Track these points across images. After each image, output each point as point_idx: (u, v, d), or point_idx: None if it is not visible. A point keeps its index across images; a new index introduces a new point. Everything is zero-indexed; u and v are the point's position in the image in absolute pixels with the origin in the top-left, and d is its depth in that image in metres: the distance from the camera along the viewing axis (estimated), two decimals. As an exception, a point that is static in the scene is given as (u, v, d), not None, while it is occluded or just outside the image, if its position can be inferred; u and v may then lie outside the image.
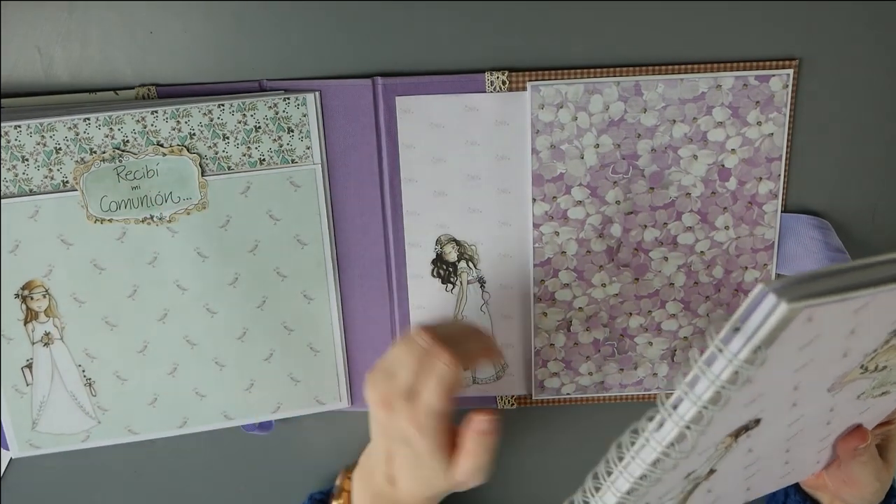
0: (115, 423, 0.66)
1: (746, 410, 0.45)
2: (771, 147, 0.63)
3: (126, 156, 0.60)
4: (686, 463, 0.46)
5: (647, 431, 0.44)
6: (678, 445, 0.43)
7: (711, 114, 0.62)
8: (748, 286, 0.66)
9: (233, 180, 0.62)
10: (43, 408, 0.65)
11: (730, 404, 0.41)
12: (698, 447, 0.44)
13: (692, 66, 0.60)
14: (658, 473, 0.44)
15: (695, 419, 0.42)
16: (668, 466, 0.44)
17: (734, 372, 0.40)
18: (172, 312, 0.64)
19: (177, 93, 0.61)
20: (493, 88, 0.61)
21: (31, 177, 0.60)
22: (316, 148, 0.62)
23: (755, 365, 0.39)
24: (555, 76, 0.60)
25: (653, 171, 0.63)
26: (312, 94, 0.61)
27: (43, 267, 0.62)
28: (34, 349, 0.63)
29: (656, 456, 0.44)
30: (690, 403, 0.42)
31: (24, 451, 0.65)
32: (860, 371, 0.48)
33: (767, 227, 0.65)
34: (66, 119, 0.59)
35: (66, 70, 0.60)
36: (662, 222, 0.64)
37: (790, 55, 0.61)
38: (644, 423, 0.44)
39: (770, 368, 0.41)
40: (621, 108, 0.61)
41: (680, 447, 0.43)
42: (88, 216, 0.61)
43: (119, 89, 0.61)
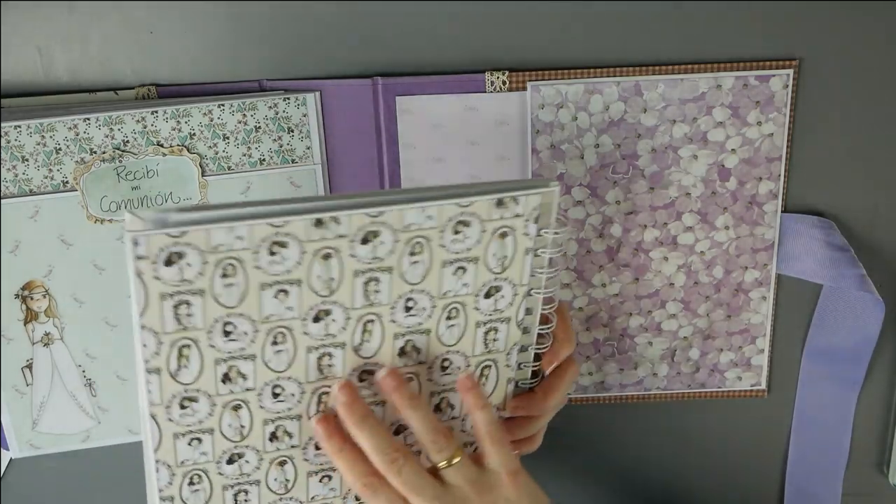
0: (115, 423, 0.66)
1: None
2: (771, 147, 0.63)
3: (126, 156, 0.60)
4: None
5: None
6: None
7: (711, 114, 0.62)
8: (748, 286, 0.66)
9: (233, 180, 0.62)
10: (43, 408, 0.65)
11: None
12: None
13: (692, 66, 0.60)
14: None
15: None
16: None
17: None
18: (172, 312, 0.64)
19: (177, 93, 0.61)
20: (493, 88, 0.61)
21: (31, 177, 0.60)
22: (316, 148, 0.62)
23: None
24: (555, 76, 0.60)
25: (653, 171, 0.63)
26: (312, 94, 0.61)
27: (43, 267, 0.62)
28: (34, 349, 0.63)
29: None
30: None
31: (24, 451, 0.65)
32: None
33: (767, 227, 0.65)
34: (66, 119, 0.59)
35: (66, 70, 0.60)
36: (662, 222, 0.64)
37: (790, 55, 0.61)
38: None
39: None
40: (621, 108, 0.61)
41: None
42: (88, 216, 0.61)
43: (119, 89, 0.61)
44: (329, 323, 0.48)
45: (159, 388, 0.47)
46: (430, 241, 0.48)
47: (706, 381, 0.69)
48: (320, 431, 0.50)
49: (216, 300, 0.46)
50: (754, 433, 0.71)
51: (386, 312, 0.49)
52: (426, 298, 0.50)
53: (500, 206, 0.49)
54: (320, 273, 0.47)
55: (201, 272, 0.45)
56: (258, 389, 0.49)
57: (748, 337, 0.68)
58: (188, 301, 0.45)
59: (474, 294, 0.51)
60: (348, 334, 0.49)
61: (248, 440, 0.50)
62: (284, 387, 0.49)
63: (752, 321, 0.67)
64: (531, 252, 0.51)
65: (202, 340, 0.46)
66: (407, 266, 0.49)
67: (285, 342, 0.48)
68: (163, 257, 0.43)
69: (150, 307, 0.44)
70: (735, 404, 0.70)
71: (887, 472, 0.72)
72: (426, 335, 0.51)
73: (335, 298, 0.48)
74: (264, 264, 0.46)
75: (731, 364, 0.69)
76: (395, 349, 0.51)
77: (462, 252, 0.49)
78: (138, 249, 0.43)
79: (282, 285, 0.47)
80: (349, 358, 0.50)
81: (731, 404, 0.70)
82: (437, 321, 0.51)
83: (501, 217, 0.49)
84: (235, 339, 0.47)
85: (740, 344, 0.68)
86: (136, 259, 0.43)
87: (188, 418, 0.48)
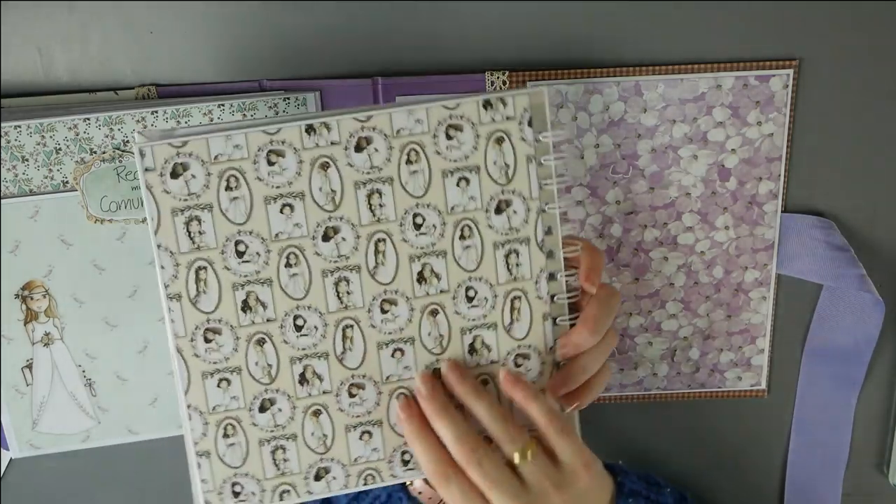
0: (115, 424, 0.66)
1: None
2: (771, 147, 0.63)
3: (126, 156, 0.60)
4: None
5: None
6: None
7: (711, 114, 0.62)
8: (748, 286, 0.66)
9: (233, 180, 0.62)
10: (43, 408, 0.65)
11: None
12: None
13: (692, 66, 0.60)
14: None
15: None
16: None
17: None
18: (172, 312, 0.64)
19: (177, 93, 0.61)
20: (493, 88, 0.61)
21: (31, 177, 0.60)
22: (316, 148, 0.62)
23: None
24: (555, 76, 0.60)
25: (653, 171, 0.63)
26: (312, 94, 0.61)
27: (43, 267, 0.62)
28: (34, 349, 0.63)
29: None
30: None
31: (25, 451, 0.65)
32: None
33: (767, 227, 0.65)
34: (66, 119, 0.59)
35: (66, 70, 0.60)
36: (662, 222, 0.64)
37: (790, 55, 0.61)
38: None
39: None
40: (621, 108, 0.61)
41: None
42: (88, 216, 0.61)
43: (119, 89, 0.61)
44: (339, 242, 0.49)
45: (182, 317, 0.49)
46: (424, 148, 0.49)
47: (706, 381, 0.69)
48: (401, 414, 0.50)
49: (224, 215, 0.48)
50: (754, 433, 0.71)
51: (395, 230, 0.50)
52: (434, 214, 0.50)
53: (489, 107, 0.49)
54: (321, 185, 0.49)
55: (206, 184, 0.48)
56: (279, 320, 0.49)
57: (748, 337, 0.68)
58: (198, 217, 0.48)
59: (484, 209, 0.50)
60: (361, 255, 0.49)
61: (277, 382, 0.50)
62: (306, 318, 0.50)
63: (752, 321, 0.67)
64: (533, 160, 0.50)
65: (217, 262, 0.48)
66: (406, 176, 0.49)
67: (298, 264, 0.49)
68: (168, 169, 0.47)
69: (163, 224, 0.48)
70: (735, 404, 0.70)
71: (887, 472, 0.72)
72: (442, 258, 0.50)
73: (341, 213, 0.49)
74: (264, 175, 0.48)
75: (731, 364, 0.69)
76: (413, 273, 0.50)
77: (460, 160, 0.49)
78: (145, 161, 0.47)
79: (285, 199, 0.48)
80: (367, 283, 0.50)
81: (731, 404, 0.70)
82: (451, 241, 0.50)
83: (493, 119, 0.49)
84: (249, 261, 0.49)
85: (740, 344, 0.68)
86: (144, 172, 0.47)
87: (213, 353, 0.49)
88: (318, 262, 0.49)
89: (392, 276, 0.50)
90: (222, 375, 0.50)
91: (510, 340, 0.52)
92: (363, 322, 0.50)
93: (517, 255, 0.51)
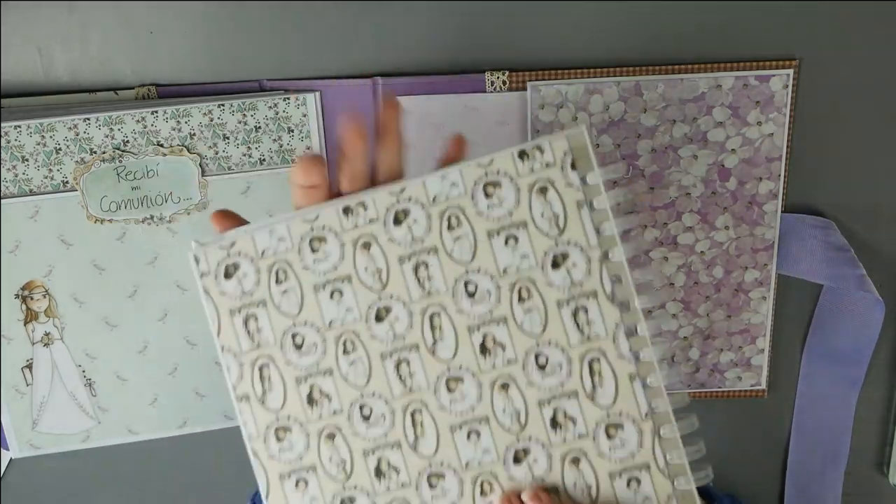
0: (115, 424, 0.66)
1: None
2: (771, 147, 0.63)
3: (126, 156, 0.60)
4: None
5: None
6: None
7: (711, 114, 0.62)
8: (748, 286, 0.66)
9: (233, 181, 0.62)
10: (43, 408, 0.65)
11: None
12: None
13: (692, 66, 0.60)
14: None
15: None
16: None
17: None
18: (172, 312, 0.64)
19: (177, 93, 0.61)
20: (493, 88, 0.61)
21: (31, 177, 0.60)
22: (316, 148, 0.62)
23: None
24: (555, 76, 0.60)
25: (653, 171, 0.63)
26: (312, 94, 0.61)
27: (43, 267, 0.62)
28: (34, 349, 0.63)
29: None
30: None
31: (25, 451, 0.65)
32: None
33: (767, 227, 0.65)
34: (66, 119, 0.59)
35: (66, 70, 0.60)
36: (662, 222, 0.64)
37: (790, 55, 0.61)
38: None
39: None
40: (621, 108, 0.61)
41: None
42: (88, 216, 0.61)
43: (119, 89, 0.61)
44: (393, 322, 0.48)
45: (252, 419, 0.48)
46: (464, 211, 0.47)
47: (706, 381, 0.69)
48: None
49: (278, 309, 0.47)
50: (754, 433, 0.71)
51: (448, 301, 0.47)
52: (486, 279, 0.47)
53: (525, 158, 0.47)
54: (366, 265, 0.47)
55: (257, 281, 0.47)
56: (345, 411, 0.48)
57: (748, 337, 0.68)
58: (254, 314, 0.48)
59: (539, 266, 0.47)
60: (417, 333, 0.47)
61: (354, 478, 0.48)
62: (371, 406, 0.48)
63: (752, 321, 0.67)
64: (584, 205, 0.47)
65: (277, 357, 0.48)
66: (451, 243, 0.47)
67: (356, 349, 0.48)
68: (221, 271, 0.47)
69: (223, 326, 0.48)
70: (735, 404, 0.70)
71: (887, 472, 0.72)
72: (504, 325, 0.47)
73: (390, 292, 0.47)
74: (310, 263, 0.47)
75: (731, 364, 0.69)
76: (475, 346, 0.47)
77: (504, 218, 0.47)
78: (200, 266, 0.48)
79: (333, 284, 0.48)
80: (428, 362, 0.47)
81: (731, 404, 0.70)
82: (510, 305, 0.47)
83: (532, 170, 0.47)
84: (307, 353, 0.48)
85: (740, 344, 0.68)
86: (201, 277, 0.48)
87: (286, 453, 0.48)
88: (374, 345, 0.48)
89: (453, 350, 0.47)
90: (299, 476, 0.48)
91: (596, 409, 0.47)
92: (431, 405, 0.47)
93: (586, 311, 0.47)
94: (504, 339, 0.47)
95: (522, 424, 0.47)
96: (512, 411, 0.47)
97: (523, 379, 0.47)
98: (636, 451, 0.47)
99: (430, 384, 0.47)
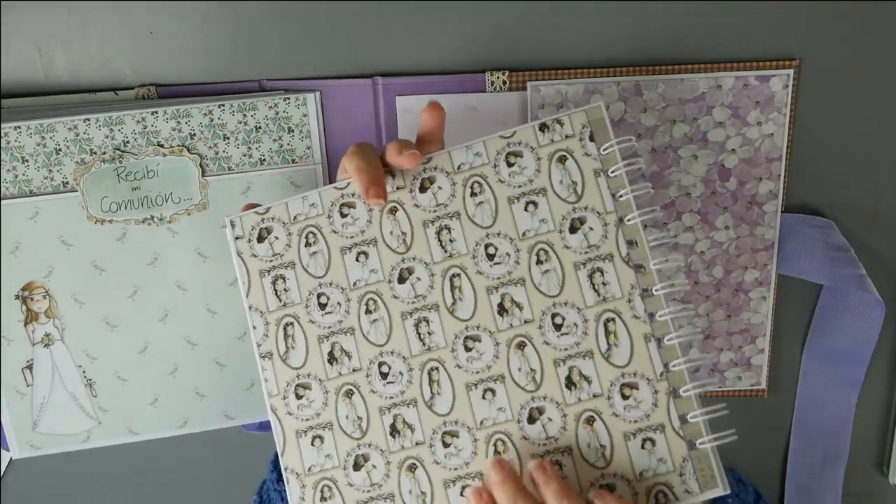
0: (116, 424, 0.66)
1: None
2: (771, 147, 0.63)
3: (126, 156, 0.60)
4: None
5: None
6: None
7: (711, 114, 0.62)
8: (748, 286, 0.66)
9: (233, 181, 0.62)
10: (43, 408, 0.65)
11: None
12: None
13: (692, 66, 0.60)
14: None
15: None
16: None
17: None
18: (172, 312, 0.64)
19: (177, 93, 0.61)
20: (493, 88, 0.61)
21: (31, 178, 0.60)
22: (316, 148, 0.62)
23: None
24: (555, 76, 0.60)
25: (653, 171, 0.63)
26: (312, 94, 0.61)
27: (43, 268, 0.62)
28: (34, 350, 0.63)
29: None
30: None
31: (25, 451, 0.65)
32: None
33: (767, 227, 0.65)
34: (66, 120, 0.59)
35: (66, 70, 0.60)
36: (662, 222, 0.64)
37: (790, 55, 0.61)
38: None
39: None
40: (621, 108, 0.61)
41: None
42: (89, 217, 0.61)
43: (119, 89, 0.61)
44: (415, 282, 0.49)
45: (274, 376, 0.50)
46: (486, 179, 0.50)
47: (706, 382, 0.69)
48: (472, 498, 0.46)
49: (306, 270, 0.50)
50: (754, 433, 0.71)
51: (469, 263, 0.49)
52: (506, 242, 0.49)
53: (545, 130, 0.50)
54: (391, 229, 0.50)
55: (288, 244, 0.50)
56: (364, 369, 0.49)
57: (748, 337, 0.68)
58: (283, 275, 0.50)
59: (557, 230, 0.48)
60: (437, 293, 0.49)
61: (369, 436, 0.49)
62: (390, 364, 0.49)
63: (752, 321, 0.67)
64: (602, 173, 0.49)
65: (302, 316, 0.50)
66: (473, 208, 0.49)
67: (378, 309, 0.49)
68: (255, 234, 0.50)
69: (254, 286, 0.50)
70: (735, 404, 0.70)
71: (887, 472, 0.72)
72: (521, 286, 0.48)
73: (413, 254, 0.49)
74: (339, 227, 0.50)
75: (730, 364, 0.69)
76: (493, 306, 0.49)
77: (525, 185, 0.49)
78: (235, 230, 0.51)
79: (360, 247, 0.50)
80: (447, 321, 0.49)
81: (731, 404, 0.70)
82: (528, 267, 0.49)
83: (552, 141, 0.49)
84: (331, 312, 0.50)
85: (740, 344, 0.68)
86: (235, 240, 0.51)
87: (305, 410, 0.50)
88: (396, 305, 0.49)
89: (472, 310, 0.49)
90: (315, 433, 0.49)
91: (611, 368, 0.47)
92: (448, 363, 0.49)
93: (602, 273, 0.48)
94: (522, 300, 0.48)
95: (538, 383, 0.48)
96: (528, 370, 0.48)
97: (539, 338, 0.48)
98: (651, 412, 0.47)
99: (448, 343, 0.49)
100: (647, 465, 0.46)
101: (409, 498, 0.48)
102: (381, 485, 0.48)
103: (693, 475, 0.46)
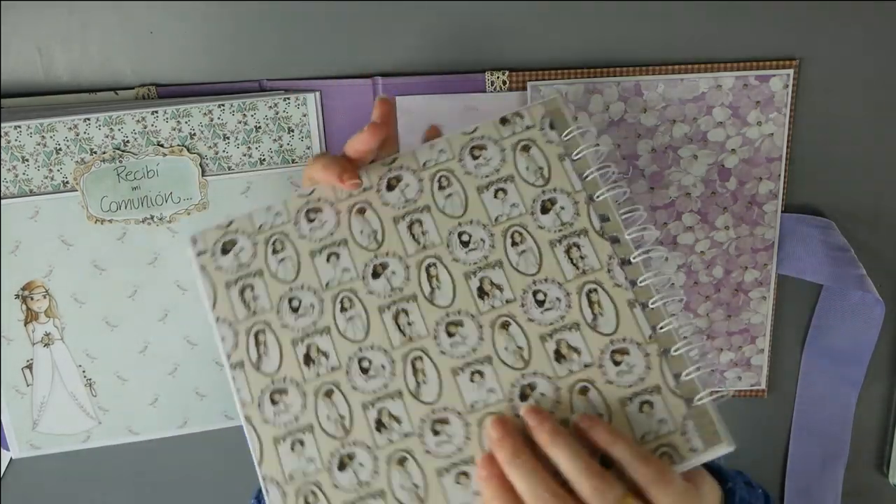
0: (116, 424, 0.66)
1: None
2: (771, 147, 0.63)
3: (126, 156, 0.60)
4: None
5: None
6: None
7: (711, 114, 0.62)
8: (748, 286, 0.66)
9: (233, 180, 0.62)
10: (43, 408, 0.65)
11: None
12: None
13: (692, 66, 0.60)
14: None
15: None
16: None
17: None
18: (172, 312, 0.64)
19: (177, 93, 0.61)
20: (493, 88, 0.61)
21: (31, 177, 0.60)
22: (316, 148, 0.62)
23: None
24: (555, 76, 0.60)
25: (653, 171, 0.63)
26: (312, 94, 0.61)
27: (43, 267, 0.62)
28: (34, 350, 0.63)
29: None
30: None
31: (25, 451, 0.65)
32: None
33: (767, 227, 0.65)
34: (66, 119, 0.59)
35: (66, 70, 0.60)
36: (662, 222, 0.64)
37: (790, 55, 0.61)
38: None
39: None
40: (621, 108, 0.61)
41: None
42: (89, 216, 0.61)
43: (119, 89, 0.61)
44: (390, 276, 0.49)
45: (246, 384, 0.48)
46: (453, 172, 0.50)
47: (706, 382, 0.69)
48: (480, 472, 0.44)
49: (274, 277, 0.49)
50: (754, 433, 0.71)
51: (443, 252, 0.49)
52: (479, 229, 0.49)
53: (506, 123, 0.51)
54: (362, 228, 0.50)
55: (254, 254, 0.49)
56: (343, 366, 0.48)
57: (748, 337, 0.68)
58: (251, 284, 0.49)
59: (529, 212, 0.49)
60: (414, 284, 0.49)
61: (354, 433, 0.47)
62: (371, 358, 0.48)
63: (752, 321, 0.67)
64: (566, 157, 0.50)
65: (273, 322, 0.49)
66: (442, 200, 0.50)
67: (353, 306, 0.49)
68: (218, 247, 0.50)
69: (219, 298, 0.49)
70: (735, 404, 0.70)
71: (887, 472, 0.72)
72: (499, 268, 0.48)
73: (386, 249, 0.49)
74: (306, 231, 0.50)
75: (731, 364, 0.69)
76: (473, 290, 0.48)
77: (492, 175, 0.50)
78: (197, 246, 0.50)
79: (330, 248, 0.49)
80: (426, 310, 0.48)
81: (731, 404, 0.70)
82: (504, 250, 0.49)
83: (514, 132, 0.51)
84: (304, 314, 0.49)
85: (740, 344, 0.68)
86: (197, 256, 0.50)
87: (283, 415, 0.47)
88: (372, 300, 0.48)
89: (451, 297, 0.48)
90: (294, 437, 0.47)
91: (599, 337, 0.47)
92: (431, 350, 0.47)
93: (578, 248, 0.48)
94: (501, 281, 0.48)
95: (526, 360, 0.47)
96: (514, 348, 0.47)
97: (523, 316, 0.48)
98: (645, 375, 0.47)
99: (429, 331, 0.48)
100: (648, 427, 0.46)
101: (400, 493, 0.46)
102: (370, 482, 0.46)
103: (696, 432, 0.46)
